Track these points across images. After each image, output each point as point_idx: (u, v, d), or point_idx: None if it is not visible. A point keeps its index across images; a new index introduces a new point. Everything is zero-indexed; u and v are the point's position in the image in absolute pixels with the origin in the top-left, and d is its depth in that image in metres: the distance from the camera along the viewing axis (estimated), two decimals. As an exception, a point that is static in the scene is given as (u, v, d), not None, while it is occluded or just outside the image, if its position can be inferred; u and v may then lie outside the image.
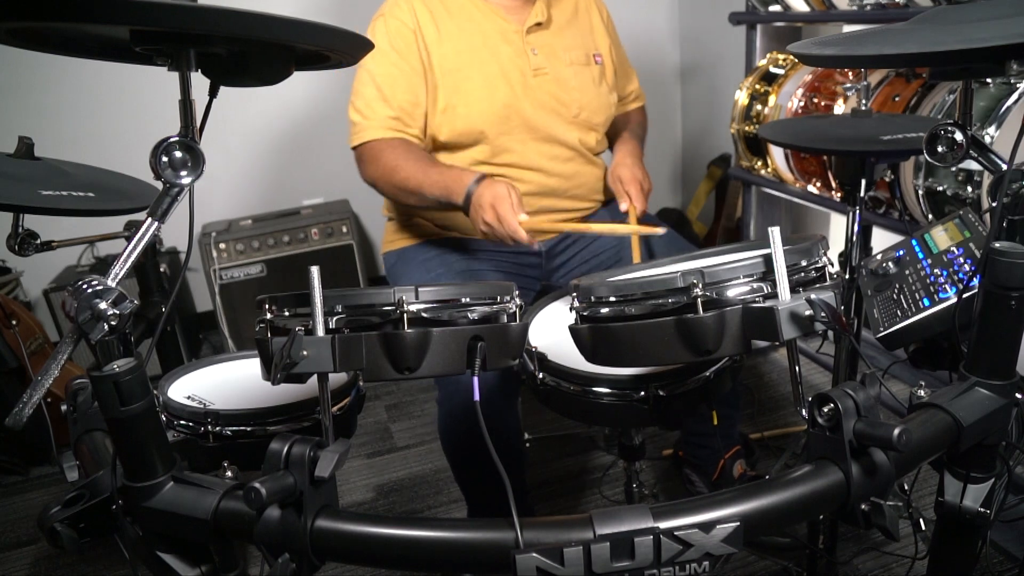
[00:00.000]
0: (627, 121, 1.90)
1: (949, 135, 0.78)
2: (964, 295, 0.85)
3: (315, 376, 0.78)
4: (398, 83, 1.55)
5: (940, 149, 0.79)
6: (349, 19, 1.04)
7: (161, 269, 2.14)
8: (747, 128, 2.33)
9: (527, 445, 2.05)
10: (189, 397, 1.07)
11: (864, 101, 1.48)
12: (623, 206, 1.63)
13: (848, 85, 1.87)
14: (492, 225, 1.39)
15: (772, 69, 2.29)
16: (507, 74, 1.61)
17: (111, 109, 2.71)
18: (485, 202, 1.39)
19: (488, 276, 1.62)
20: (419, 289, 0.77)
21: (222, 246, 2.64)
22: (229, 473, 0.91)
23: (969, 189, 1.57)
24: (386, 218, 1.83)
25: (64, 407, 0.96)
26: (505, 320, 0.84)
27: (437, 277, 1.59)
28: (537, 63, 1.63)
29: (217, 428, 0.98)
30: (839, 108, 1.95)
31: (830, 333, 0.90)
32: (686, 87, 3.44)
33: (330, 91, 2.92)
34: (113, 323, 0.67)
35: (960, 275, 0.94)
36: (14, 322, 2.16)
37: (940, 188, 1.64)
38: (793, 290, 0.74)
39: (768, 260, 0.74)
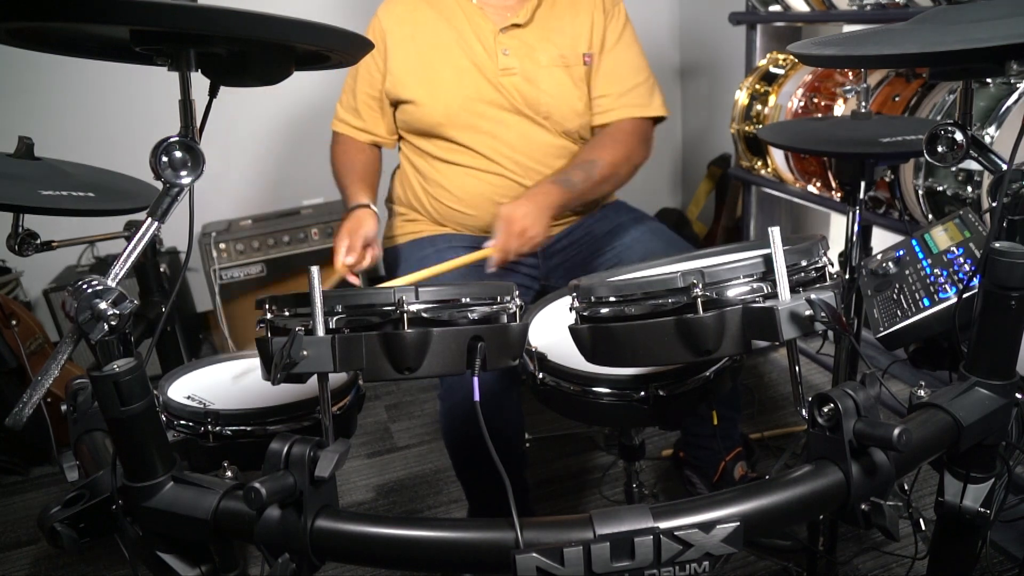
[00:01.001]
0: (592, 150, 1.62)
1: (949, 135, 0.78)
2: (964, 295, 0.85)
3: (315, 376, 0.78)
4: (363, 77, 1.73)
5: (940, 149, 0.79)
6: (351, 19, 1.04)
7: (161, 269, 2.14)
8: (747, 128, 2.33)
9: (527, 445, 2.05)
10: (189, 397, 1.07)
11: (864, 103, 1.49)
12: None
13: (848, 87, 1.87)
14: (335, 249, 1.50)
15: (772, 69, 2.29)
16: (473, 72, 1.63)
17: (111, 109, 2.71)
18: (343, 226, 1.55)
19: (485, 275, 1.62)
20: (419, 289, 0.77)
21: (222, 246, 2.64)
22: (229, 473, 0.91)
23: (969, 189, 1.57)
24: (387, 213, 1.85)
25: (64, 407, 0.96)
26: (505, 320, 0.84)
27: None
28: (506, 63, 1.63)
29: (217, 428, 0.98)
30: (839, 108, 1.95)
31: (830, 333, 0.90)
32: (686, 87, 3.44)
33: (331, 91, 2.89)
34: (113, 323, 0.66)
35: (960, 275, 0.94)
36: (14, 322, 2.16)
37: (940, 188, 1.64)
38: (793, 290, 0.74)
39: (768, 260, 0.74)
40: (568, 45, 1.67)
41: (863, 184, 1.30)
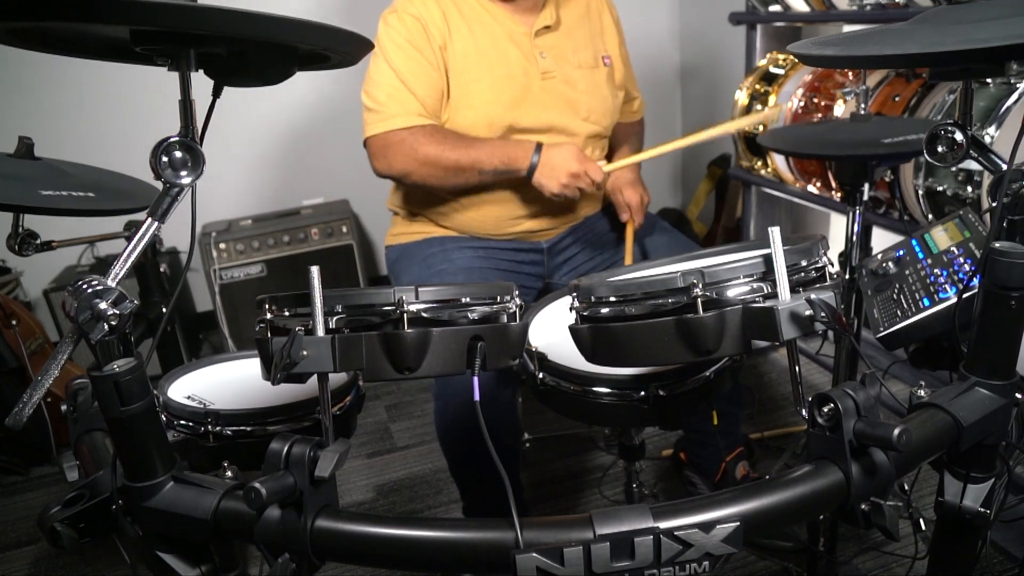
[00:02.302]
0: (628, 134, 1.91)
1: (949, 135, 0.78)
2: (964, 295, 0.85)
3: (315, 376, 0.78)
4: (419, 77, 1.55)
5: (940, 149, 0.79)
6: (353, 19, 1.04)
7: (161, 269, 2.14)
8: (747, 128, 2.33)
9: (527, 445, 2.05)
10: (189, 397, 1.07)
11: (863, 105, 1.49)
12: (624, 217, 1.71)
13: (847, 89, 1.87)
14: (578, 175, 1.51)
15: (772, 69, 2.29)
16: (514, 77, 1.60)
17: (111, 109, 2.71)
18: (565, 154, 1.52)
19: (490, 274, 1.62)
20: (419, 289, 0.77)
21: (222, 246, 2.64)
22: (229, 473, 0.91)
23: (969, 189, 1.57)
24: (391, 212, 1.84)
25: (64, 407, 0.96)
26: (505, 320, 0.84)
27: (439, 274, 1.59)
28: (546, 66, 1.62)
29: (217, 428, 0.98)
30: (839, 108, 1.95)
31: (830, 333, 0.90)
32: (686, 87, 3.44)
33: (331, 92, 2.92)
34: (113, 323, 0.67)
35: (960, 275, 0.94)
36: (14, 322, 2.16)
37: (940, 188, 1.64)
38: (793, 290, 0.74)
39: (768, 260, 0.74)
40: (589, 46, 1.70)
41: (866, 187, 1.30)
